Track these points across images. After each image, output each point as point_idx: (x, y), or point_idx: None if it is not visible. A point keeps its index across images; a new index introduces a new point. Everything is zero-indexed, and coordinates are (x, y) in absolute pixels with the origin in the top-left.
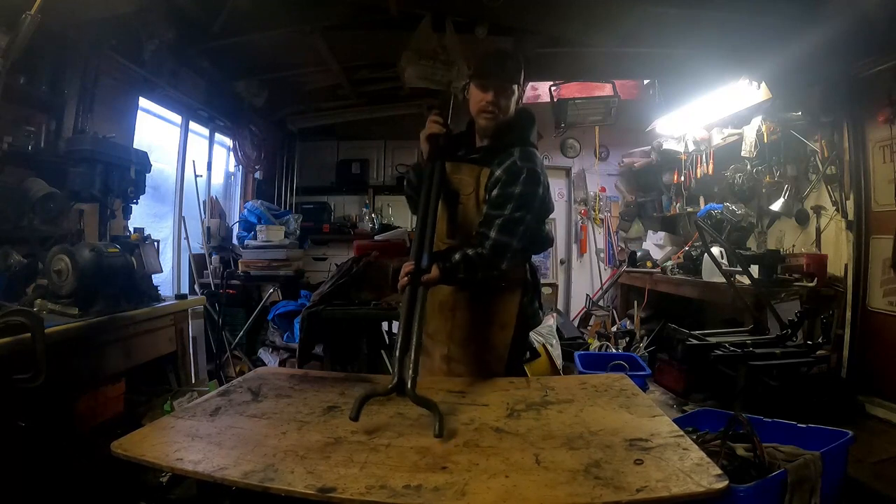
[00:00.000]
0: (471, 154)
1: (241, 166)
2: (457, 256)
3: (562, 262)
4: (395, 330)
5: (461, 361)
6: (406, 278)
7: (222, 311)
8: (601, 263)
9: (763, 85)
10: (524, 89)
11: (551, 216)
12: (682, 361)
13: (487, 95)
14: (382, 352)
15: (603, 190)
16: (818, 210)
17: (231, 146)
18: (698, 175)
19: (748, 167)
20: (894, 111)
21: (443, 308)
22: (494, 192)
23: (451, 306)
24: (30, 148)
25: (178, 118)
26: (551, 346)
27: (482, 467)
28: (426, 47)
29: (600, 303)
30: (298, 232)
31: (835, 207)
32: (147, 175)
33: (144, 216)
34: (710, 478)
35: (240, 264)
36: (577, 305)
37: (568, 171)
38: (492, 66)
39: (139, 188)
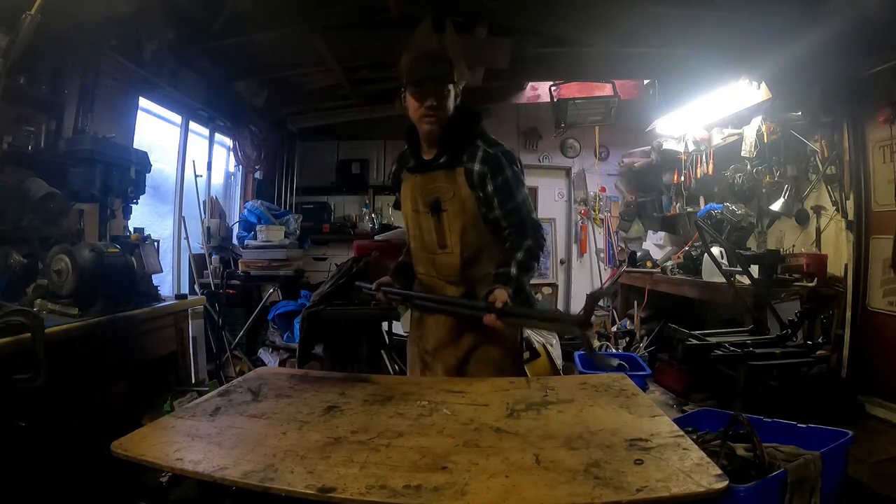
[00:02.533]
0: (424, 162)
1: (241, 166)
2: (513, 270)
3: (562, 262)
4: (395, 330)
5: (481, 364)
6: (381, 295)
7: (222, 311)
8: (601, 263)
9: (763, 85)
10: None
11: (551, 216)
12: (682, 361)
13: (426, 101)
14: (382, 352)
15: (603, 190)
16: (818, 210)
17: (231, 146)
18: (698, 175)
19: (748, 167)
20: (894, 111)
21: (442, 323)
22: (490, 187)
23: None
24: (30, 148)
25: (178, 118)
26: (551, 346)
27: (482, 467)
28: (426, 47)
29: (600, 303)
30: (298, 232)
31: (835, 207)
32: (147, 175)
33: (144, 216)
34: (710, 478)
35: (240, 264)
36: (577, 305)
37: (568, 171)
38: (424, 72)
39: (139, 188)
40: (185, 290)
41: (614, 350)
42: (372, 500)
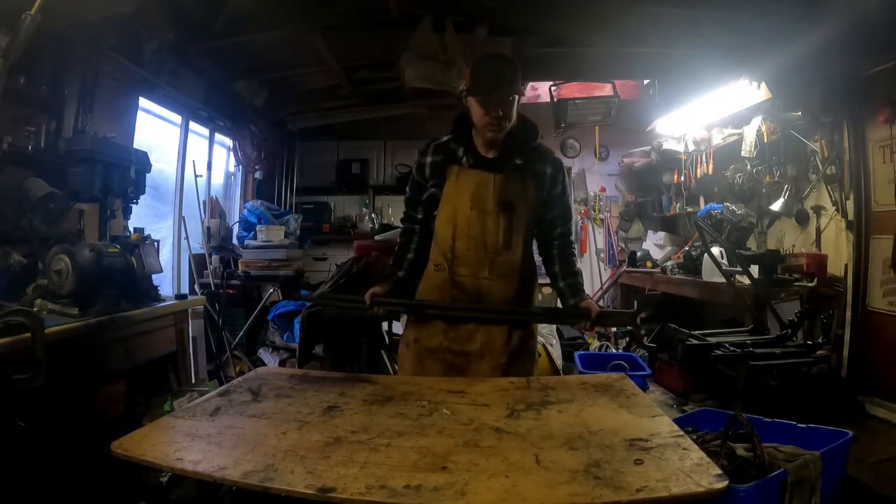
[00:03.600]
0: (491, 161)
1: (241, 166)
2: (581, 279)
3: None
4: (395, 330)
5: (530, 357)
6: (378, 309)
7: (222, 311)
8: (601, 263)
9: (763, 85)
10: (524, 89)
11: None
12: (682, 361)
13: (492, 111)
14: (382, 352)
15: (603, 190)
16: (818, 210)
17: (231, 146)
18: (698, 175)
19: (748, 167)
20: (894, 111)
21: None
22: (557, 189)
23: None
24: (30, 148)
25: (178, 118)
26: (551, 346)
27: (482, 467)
28: (426, 47)
29: (600, 303)
30: (298, 232)
31: (835, 207)
32: (147, 175)
33: (144, 216)
34: (710, 478)
35: (240, 264)
36: None
37: (568, 171)
38: (491, 82)
39: (139, 188)
40: (185, 290)
41: (614, 350)
42: (372, 500)
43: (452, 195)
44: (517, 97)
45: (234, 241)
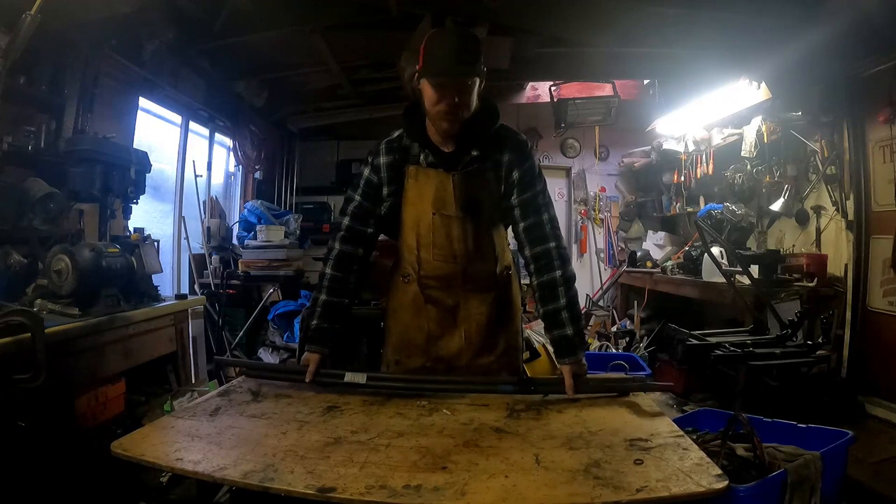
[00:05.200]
0: (448, 156)
1: (241, 166)
2: (570, 329)
3: None
4: None
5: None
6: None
7: (222, 311)
8: (601, 263)
9: (763, 85)
10: (525, 89)
11: None
12: (682, 361)
13: (447, 97)
14: (382, 352)
15: (603, 190)
16: (818, 210)
17: (231, 146)
18: (698, 175)
19: (748, 167)
20: (894, 111)
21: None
22: (516, 174)
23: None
24: (30, 148)
25: (178, 118)
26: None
27: (482, 467)
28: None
29: (600, 303)
30: (298, 232)
31: (835, 207)
32: (147, 175)
33: (144, 216)
34: (709, 478)
35: (240, 264)
36: None
37: (568, 171)
38: (448, 62)
39: (139, 188)
40: (185, 290)
41: (614, 350)
42: (372, 500)
43: (413, 199)
44: (479, 81)
45: (234, 241)
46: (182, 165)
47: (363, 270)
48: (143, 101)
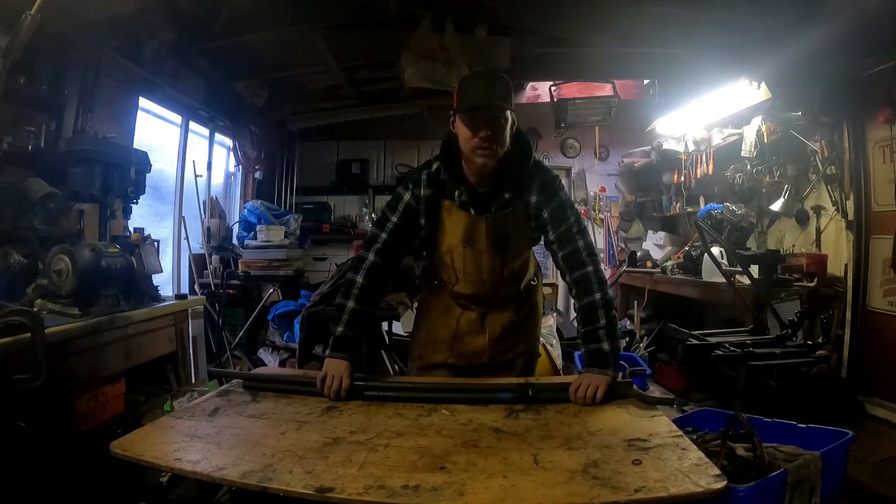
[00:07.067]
0: (482, 197)
1: (241, 166)
2: (606, 345)
3: None
4: (395, 330)
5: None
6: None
7: (222, 311)
8: (601, 263)
9: (763, 85)
10: (525, 89)
11: None
12: (682, 361)
13: (481, 132)
14: (382, 352)
15: (603, 190)
16: (818, 210)
17: (231, 146)
18: (698, 175)
19: (748, 167)
20: (894, 111)
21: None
22: (561, 229)
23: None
24: (30, 148)
25: (178, 118)
26: (551, 346)
27: (480, 467)
28: (426, 47)
29: None
30: (298, 232)
31: (835, 207)
32: (147, 175)
33: (144, 216)
34: (708, 478)
35: (240, 264)
36: None
37: (568, 171)
38: (479, 97)
39: (139, 188)
40: (185, 290)
41: None
42: (370, 500)
43: (448, 229)
44: (510, 120)
45: (234, 241)
46: (182, 165)
47: (387, 282)
48: (143, 101)
